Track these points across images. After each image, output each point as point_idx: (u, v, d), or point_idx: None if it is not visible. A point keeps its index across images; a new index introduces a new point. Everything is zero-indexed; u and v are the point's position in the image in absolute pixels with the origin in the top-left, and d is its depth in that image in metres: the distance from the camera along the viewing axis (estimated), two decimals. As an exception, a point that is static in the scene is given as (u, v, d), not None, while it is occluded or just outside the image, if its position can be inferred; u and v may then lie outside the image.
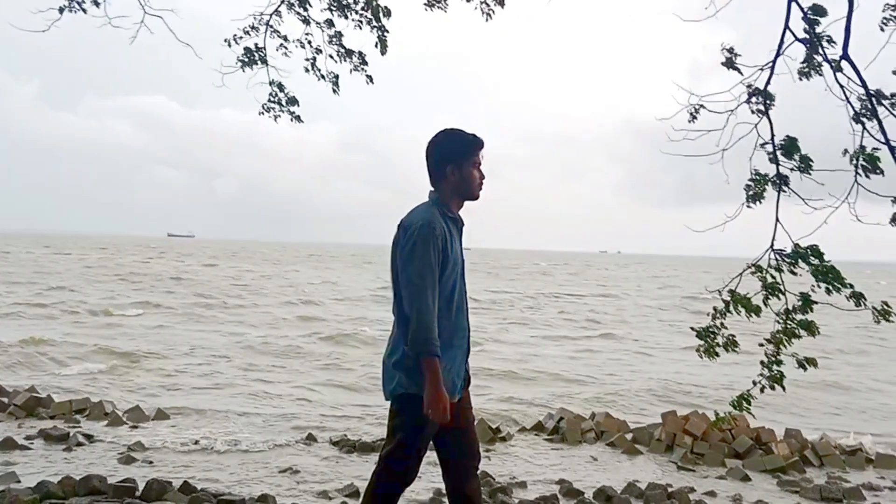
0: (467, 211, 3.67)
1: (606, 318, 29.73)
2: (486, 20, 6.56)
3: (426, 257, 3.30)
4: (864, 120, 4.27)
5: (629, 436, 9.61)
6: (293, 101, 6.74)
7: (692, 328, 5.14)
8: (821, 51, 4.23)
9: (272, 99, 6.72)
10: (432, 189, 3.62)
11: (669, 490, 7.31)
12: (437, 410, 3.28)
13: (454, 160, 3.54)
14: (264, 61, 6.59)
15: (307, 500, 6.76)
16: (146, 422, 9.62)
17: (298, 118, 6.80)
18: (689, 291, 46.58)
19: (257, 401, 11.42)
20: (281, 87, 6.69)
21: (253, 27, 6.51)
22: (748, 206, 4.57)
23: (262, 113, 6.77)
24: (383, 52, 6.62)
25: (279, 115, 6.78)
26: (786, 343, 4.68)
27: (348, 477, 7.59)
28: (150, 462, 7.83)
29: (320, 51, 6.65)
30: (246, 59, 6.50)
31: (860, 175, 4.18)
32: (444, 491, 7.72)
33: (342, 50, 6.64)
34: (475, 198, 3.64)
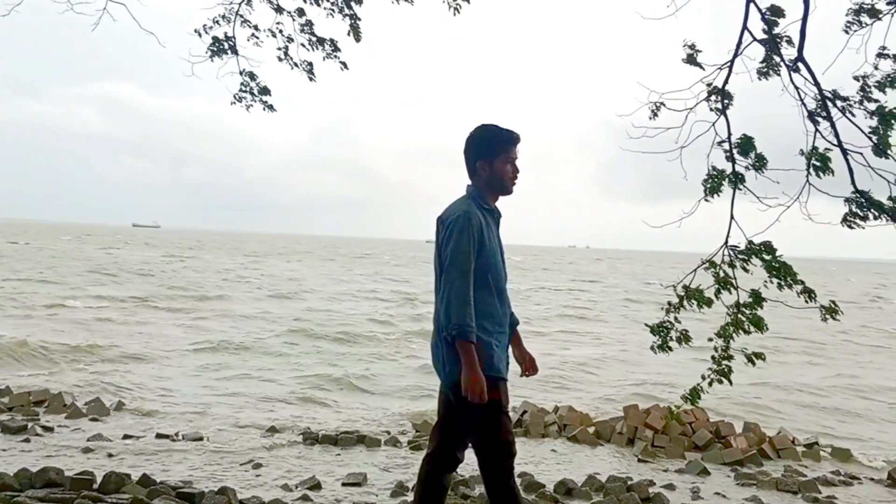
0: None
1: (584, 311, 29.97)
2: (454, 14, 6.56)
3: (462, 245, 3.40)
4: (818, 120, 4.35)
5: (591, 429, 9.71)
6: (265, 90, 6.69)
7: (646, 324, 5.21)
8: (778, 52, 4.30)
9: (244, 88, 6.67)
10: (469, 182, 3.73)
11: (629, 483, 7.39)
12: (475, 392, 3.34)
13: (485, 156, 3.63)
14: (234, 51, 6.53)
15: (268, 493, 6.72)
16: (106, 414, 9.51)
17: (271, 107, 6.76)
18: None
19: (220, 394, 11.33)
20: (252, 76, 6.64)
21: (223, 16, 6.44)
22: (706, 200, 4.65)
23: (234, 102, 6.71)
24: (357, 40, 6.60)
25: (251, 105, 6.73)
26: (734, 337, 4.77)
27: (310, 470, 7.58)
28: (110, 455, 7.74)
29: (292, 40, 6.60)
30: (215, 49, 6.43)
31: (811, 175, 4.26)
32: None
33: (314, 38, 6.60)
34: (508, 192, 3.71)
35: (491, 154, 3.62)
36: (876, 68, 4.31)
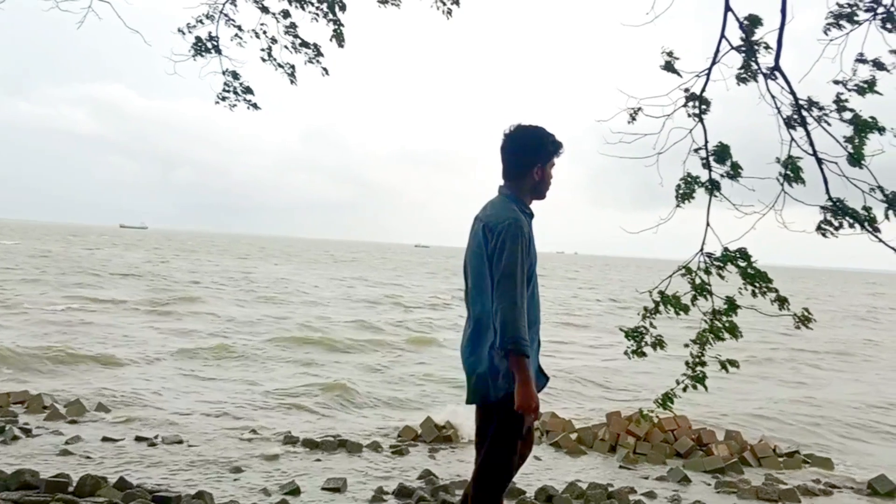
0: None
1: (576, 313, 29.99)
2: (447, 18, 6.58)
3: (516, 255, 3.26)
4: (794, 129, 4.36)
5: (574, 435, 9.69)
6: (248, 90, 6.66)
7: (620, 328, 5.21)
8: (755, 60, 4.32)
9: (227, 88, 6.64)
10: (505, 183, 3.55)
11: (610, 490, 7.39)
12: (529, 408, 3.26)
13: (542, 160, 3.50)
14: (218, 50, 6.50)
15: (246, 497, 6.68)
16: (85, 415, 9.43)
17: (255, 106, 6.73)
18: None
19: (202, 398, 11.25)
20: (235, 75, 6.61)
21: (208, 16, 6.42)
22: (679, 207, 4.66)
23: (218, 101, 6.69)
24: (340, 45, 6.59)
25: (235, 104, 6.70)
26: (711, 342, 4.77)
27: (290, 474, 7.54)
28: (88, 457, 7.68)
29: (276, 41, 6.59)
30: (198, 48, 6.41)
31: (784, 183, 4.28)
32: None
33: (297, 41, 6.59)
34: (545, 197, 3.60)
35: (546, 158, 3.51)
36: (854, 73, 4.33)
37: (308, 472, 7.71)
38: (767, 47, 4.30)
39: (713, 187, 4.59)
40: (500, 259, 3.26)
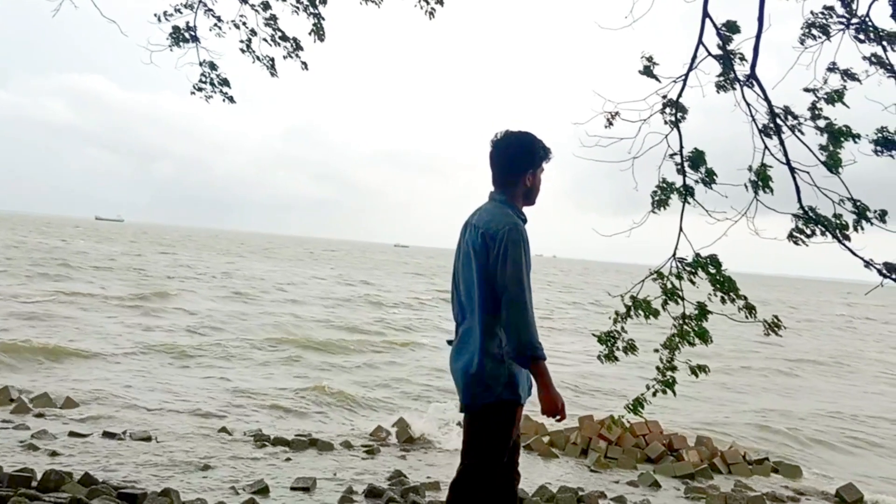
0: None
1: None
2: (430, 18, 6.56)
3: (521, 260, 3.22)
4: (769, 137, 4.39)
5: (546, 438, 9.71)
6: (225, 82, 6.58)
7: (593, 333, 5.22)
8: (732, 67, 4.34)
9: (203, 79, 6.57)
10: (497, 189, 3.50)
11: (580, 494, 7.40)
12: (556, 410, 3.26)
13: (534, 166, 3.47)
14: (195, 39, 6.43)
15: (213, 496, 6.60)
16: (53, 410, 9.29)
17: (231, 99, 6.66)
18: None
19: (172, 394, 11.13)
20: (213, 66, 6.54)
21: (186, 5, 6.34)
22: (654, 213, 4.67)
23: (194, 93, 6.61)
24: (321, 39, 6.54)
25: (211, 96, 6.62)
26: (679, 347, 4.79)
27: (259, 473, 7.47)
28: (54, 452, 7.56)
29: (255, 33, 6.53)
30: (176, 38, 6.33)
31: (753, 190, 4.30)
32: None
33: (277, 34, 6.53)
34: (535, 203, 3.56)
35: (537, 164, 3.49)
36: (825, 82, 4.36)
37: (278, 471, 7.64)
38: (743, 58, 4.32)
39: (687, 193, 4.60)
40: (506, 265, 3.22)
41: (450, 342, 3.59)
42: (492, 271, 3.27)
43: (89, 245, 61.60)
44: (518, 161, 3.46)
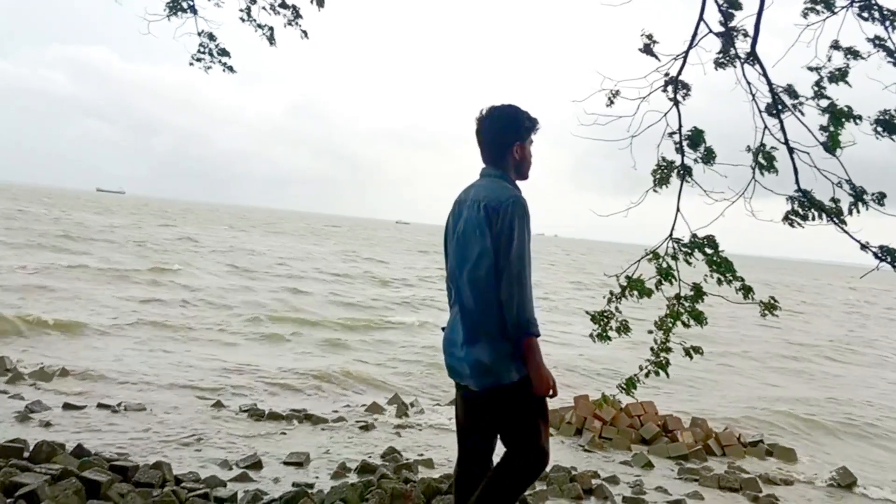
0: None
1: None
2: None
3: (524, 236, 3.15)
4: (766, 117, 4.31)
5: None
6: (224, 52, 6.50)
7: (586, 311, 5.18)
8: (733, 45, 4.25)
9: (202, 50, 6.49)
10: (489, 166, 3.40)
11: (573, 473, 7.39)
12: (548, 386, 3.17)
13: (521, 138, 3.38)
14: (193, 10, 6.33)
15: (206, 469, 6.61)
16: (49, 381, 9.29)
17: (231, 68, 6.58)
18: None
19: (169, 368, 11.13)
20: (211, 36, 6.45)
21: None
22: (654, 191, 4.60)
23: (192, 63, 6.53)
24: (320, 5, 6.44)
25: (210, 66, 6.55)
26: (672, 327, 4.75)
27: (253, 447, 7.48)
28: (48, 423, 7.58)
29: (255, 1, 6.44)
30: (173, 7, 6.23)
31: (757, 172, 4.23)
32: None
33: (276, 2, 6.44)
34: (527, 177, 3.46)
35: (523, 136, 3.38)
36: (829, 60, 4.28)
37: (271, 446, 7.65)
38: (746, 34, 4.23)
39: (685, 172, 4.53)
40: (512, 240, 3.13)
41: (444, 329, 3.47)
42: (495, 246, 3.18)
43: (91, 217, 61.53)
44: (504, 134, 3.37)
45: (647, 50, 4.49)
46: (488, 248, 3.18)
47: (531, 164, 3.46)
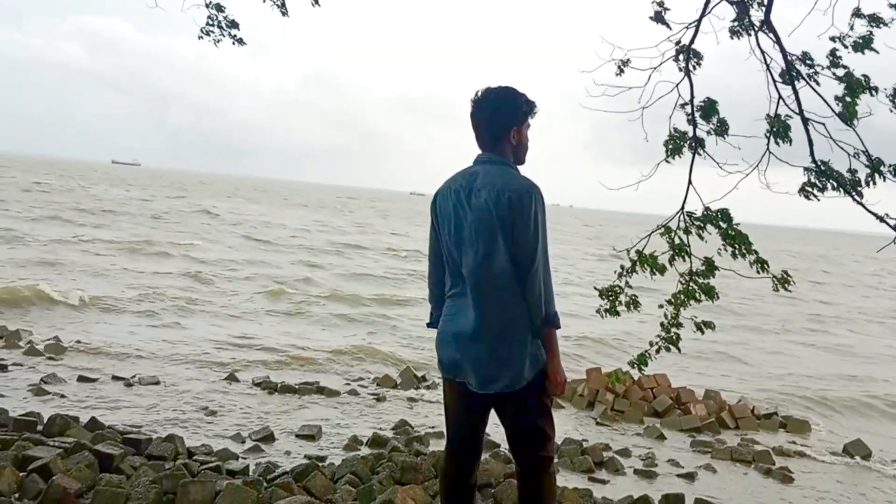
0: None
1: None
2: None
3: (544, 226, 3.04)
4: (781, 87, 4.21)
5: (553, 390, 9.69)
6: (233, 24, 6.43)
7: (595, 287, 5.11)
8: (747, 12, 4.14)
9: (210, 22, 6.41)
10: (487, 151, 3.22)
11: (585, 446, 7.39)
12: (560, 384, 3.10)
13: (519, 122, 3.20)
14: (202, -19, 6.26)
15: (219, 441, 6.66)
16: (63, 354, 9.36)
17: (241, 41, 6.51)
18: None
19: (183, 341, 11.17)
20: (219, 7, 6.38)
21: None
22: (667, 162, 4.50)
23: (202, 37, 6.47)
24: None
25: (220, 39, 6.48)
26: (686, 304, 4.68)
27: (265, 420, 7.52)
28: (62, 395, 7.65)
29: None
30: (180, -23, 6.16)
31: (771, 142, 4.13)
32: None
33: None
34: (524, 162, 3.28)
35: (521, 119, 3.21)
36: (851, 28, 4.15)
37: (283, 419, 7.69)
38: (761, 3, 4.11)
39: (697, 144, 4.44)
40: (537, 233, 3.01)
41: (429, 324, 3.32)
42: (518, 238, 3.02)
43: (105, 189, 61.76)
44: (501, 118, 3.19)
45: (659, 17, 4.38)
46: (510, 239, 3.03)
47: (528, 148, 3.28)
